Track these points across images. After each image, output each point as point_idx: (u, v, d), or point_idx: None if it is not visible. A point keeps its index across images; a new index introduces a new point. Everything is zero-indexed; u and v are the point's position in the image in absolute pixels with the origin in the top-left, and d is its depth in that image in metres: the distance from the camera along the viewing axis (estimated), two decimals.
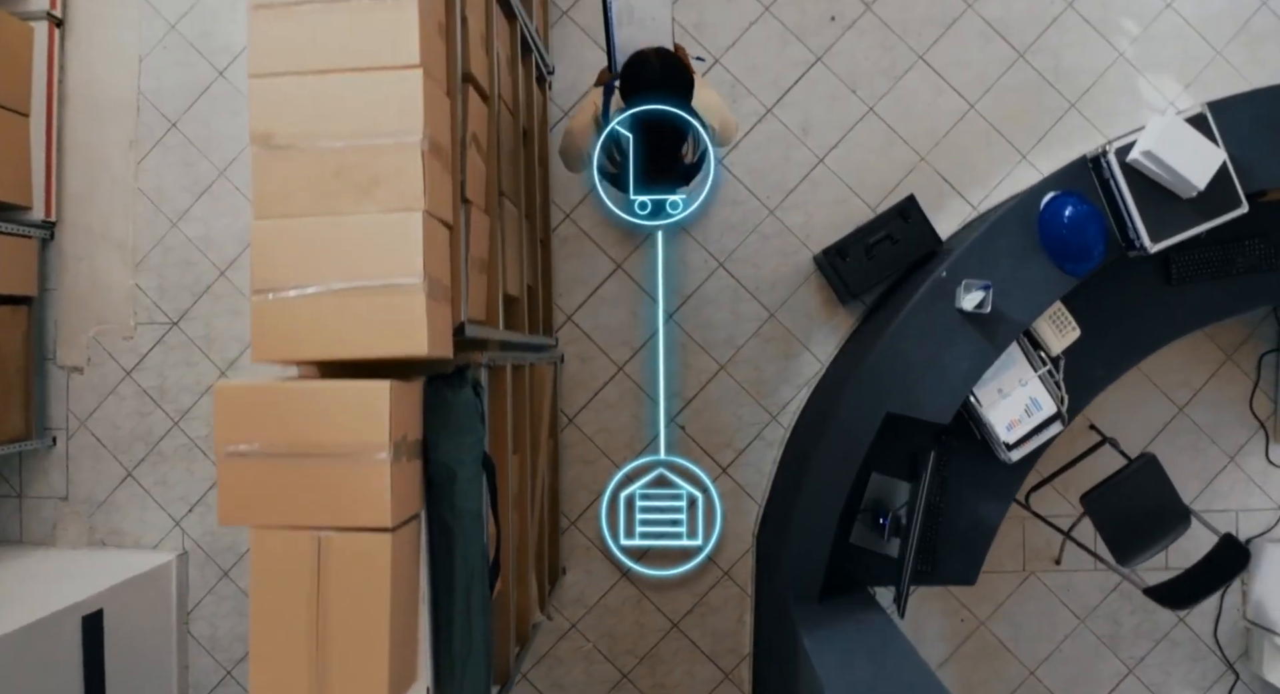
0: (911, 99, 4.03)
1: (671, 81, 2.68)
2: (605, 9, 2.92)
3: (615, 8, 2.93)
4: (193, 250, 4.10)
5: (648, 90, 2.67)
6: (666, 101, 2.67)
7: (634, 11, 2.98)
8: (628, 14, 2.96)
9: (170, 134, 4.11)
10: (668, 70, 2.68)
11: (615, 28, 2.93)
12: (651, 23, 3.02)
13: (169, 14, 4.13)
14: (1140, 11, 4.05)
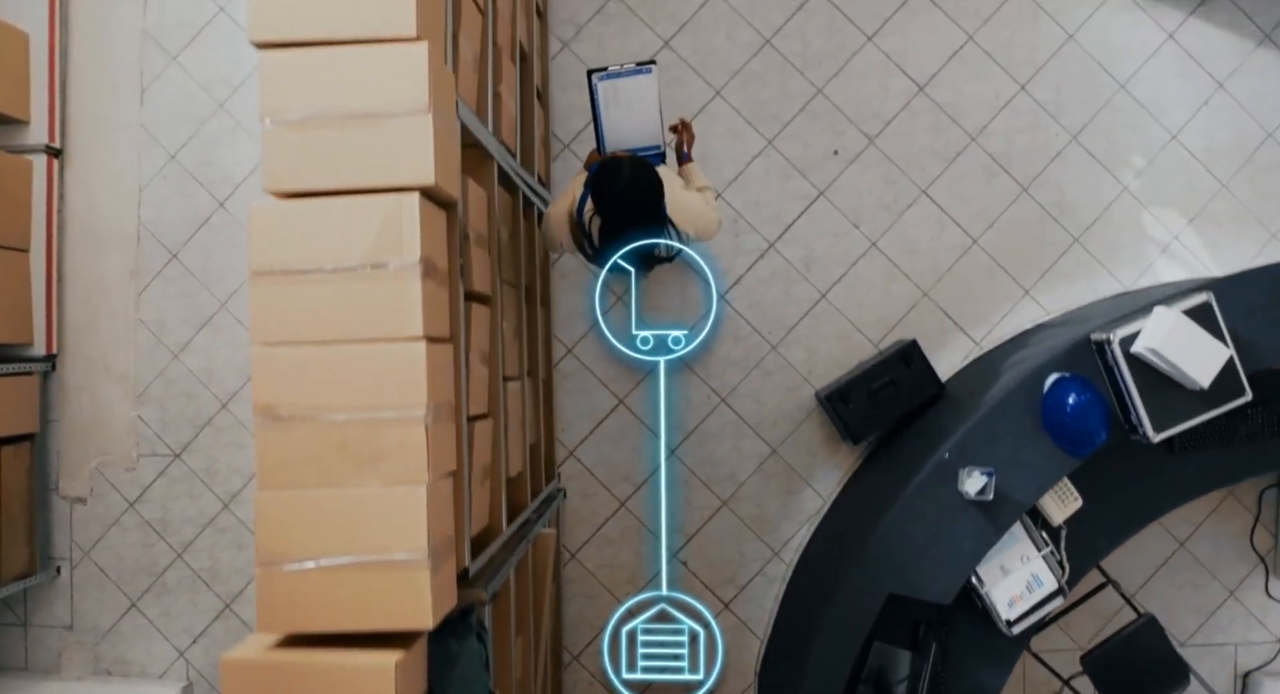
0: (914, 234, 4.02)
1: (640, 195, 2.66)
2: (591, 93, 2.96)
3: (601, 92, 2.96)
4: (194, 382, 4.09)
5: (615, 203, 2.66)
6: (634, 211, 2.66)
7: (620, 94, 3.01)
8: (614, 97, 2.99)
9: (171, 265, 4.10)
10: (637, 184, 2.65)
11: (602, 110, 2.97)
12: (639, 104, 3.03)
13: (169, 144, 4.11)
14: (1145, 145, 4.03)
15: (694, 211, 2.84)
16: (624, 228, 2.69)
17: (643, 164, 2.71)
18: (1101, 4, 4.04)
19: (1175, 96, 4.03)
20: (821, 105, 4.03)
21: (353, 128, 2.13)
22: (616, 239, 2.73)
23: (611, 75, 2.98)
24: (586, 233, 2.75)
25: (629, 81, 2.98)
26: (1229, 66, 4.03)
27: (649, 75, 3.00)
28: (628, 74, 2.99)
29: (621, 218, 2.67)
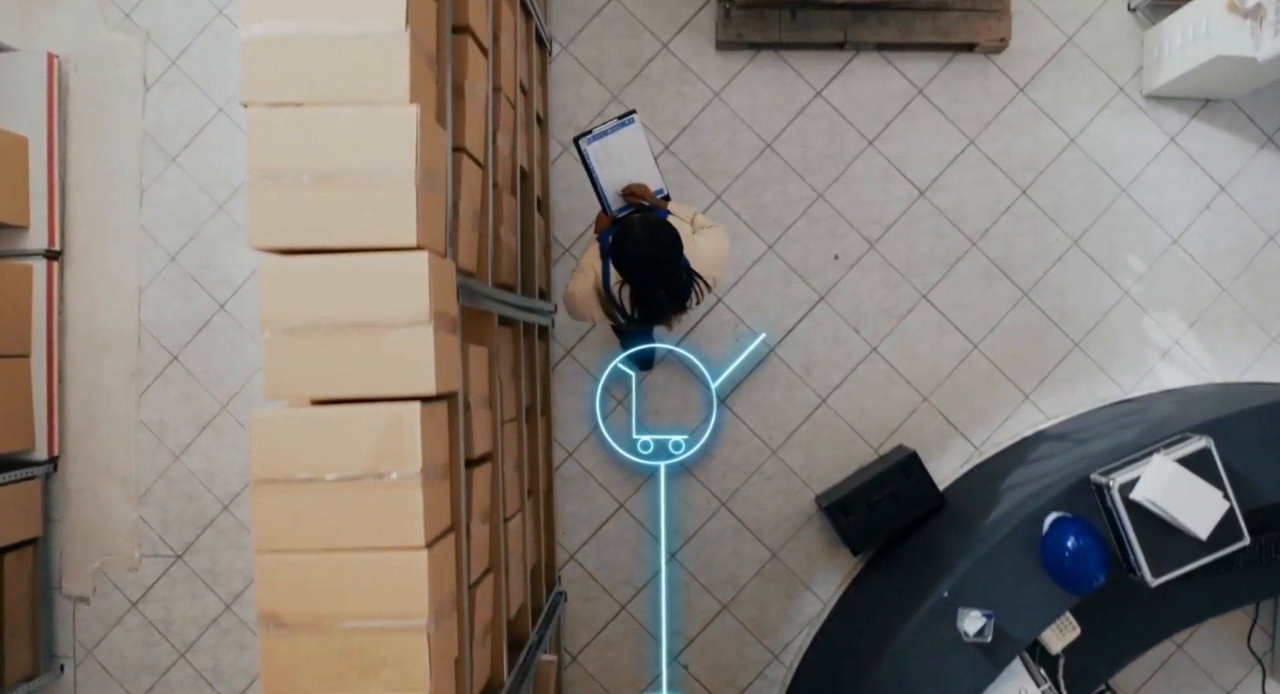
0: (915, 338, 4.02)
1: (659, 250, 2.67)
2: (583, 158, 2.98)
3: (592, 154, 2.98)
4: (195, 484, 4.10)
5: (637, 263, 2.68)
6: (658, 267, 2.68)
7: (611, 151, 3.02)
8: (605, 155, 3.01)
9: (172, 367, 4.11)
10: (654, 239, 2.67)
11: (597, 171, 2.99)
12: (631, 157, 3.05)
13: (169, 245, 4.11)
14: (1146, 249, 4.02)
15: (710, 256, 2.86)
16: (653, 285, 2.71)
17: (653, 221, 2.72)
18: (1103, 107, 4.04)
19: (1177, 200, 4.03)
20: (822, 209, 4.02)
21: (353, 337, 2.13)
22: (650, 299, 2.75)
23: (598, 135, 3.00)
24: (618, 304, 2.77)
25: (616, 137, 3.01)
26: (1231, 169, 4.03)
27: (633, 125, 3.03)
28: (613, 130, 3.01)
29: (648, 276, 2.69)
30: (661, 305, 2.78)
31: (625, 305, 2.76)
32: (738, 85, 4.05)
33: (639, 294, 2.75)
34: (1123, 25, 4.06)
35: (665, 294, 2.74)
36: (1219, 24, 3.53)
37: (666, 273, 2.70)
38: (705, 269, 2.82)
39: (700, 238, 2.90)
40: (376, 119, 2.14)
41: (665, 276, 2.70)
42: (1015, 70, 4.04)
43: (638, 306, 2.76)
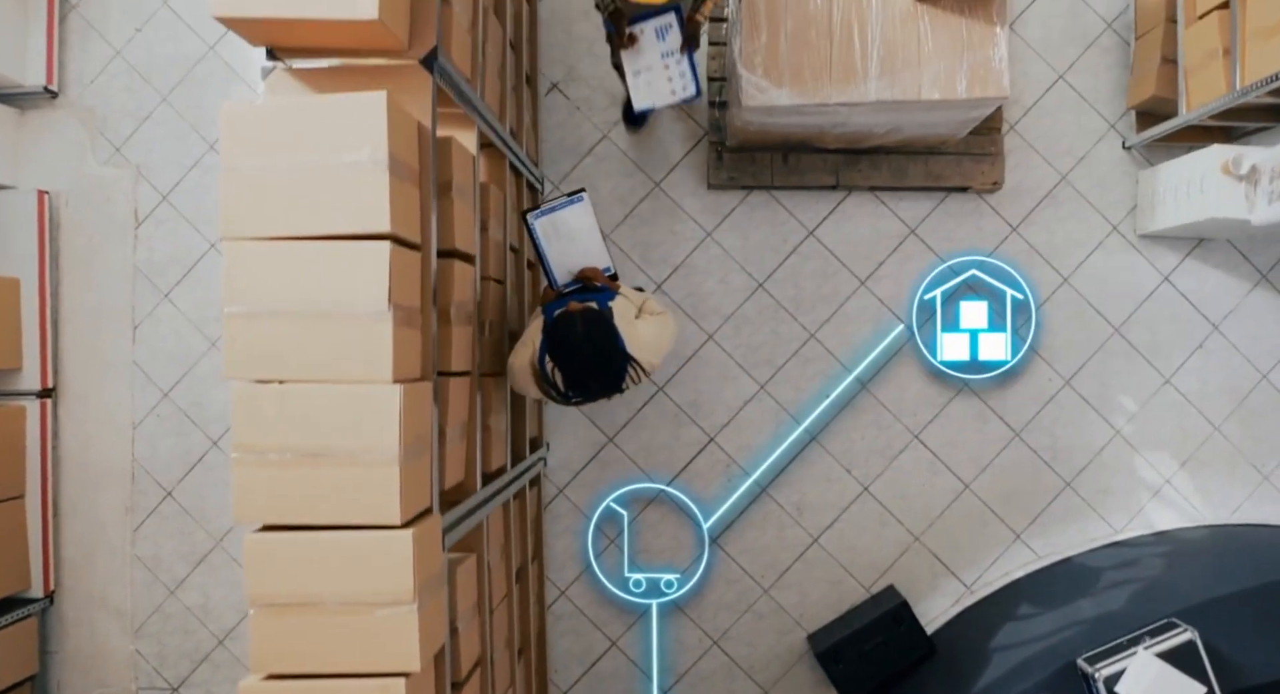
0: (907, 479, 4.03)
1: (595, 352, 2.69)
2: (530, 232, 3.03)
3: (539, 229, 3.03)
4: (191, 618, 4.13)
5: (573, 361, 2.69)
6: (593, 366, 2.70)
7: (559, 227, 3.08)
8: (554, 231, 3.07)
9: (166, 503, 4.12)
10: (591, 340, 2.69)
11: (545, 246, 3.04)
12: (579, 234, 3.10)
13: (162, 382, 4.11)
14: (1139, 388, 4.02)
15: (651, 341, 2.87)
16: (587, 379, 2.74)
17: (593, 318, 2.72)
18: (1097, 246, 4.02)
19: (1170, 339, 4.02)
20: (814, 350, 4.02)
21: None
22: (582, 387, 2.77)
23: (546, 211, 3.04)
24: (551, 382, 2.78)
25: (565, 213, 3.05)
26: (1225, 308, 4.02)
27: (582, 202, 3.07)
28: (562, 206, 3.05)
29: (582, 371, 2.72)
30: (596, 392, 2.80)
31: (559, 383, 2.77)
32: (730, 225, 4.04)
33: (569, 380, 2.76)
34: (1117, 163, 4.04)
35: (598, 385, 2.76)
36: (1213, 184, 3.52)
37: (600, 368, 2.72)
38: (642, 354, 2.81)
39: (642, 324, 2.90)
40: (362, 398, 2.15)
41: (599, 372, 2.73)
42: (1009, 209, 4.02)
43: (570, 389, 2.77)
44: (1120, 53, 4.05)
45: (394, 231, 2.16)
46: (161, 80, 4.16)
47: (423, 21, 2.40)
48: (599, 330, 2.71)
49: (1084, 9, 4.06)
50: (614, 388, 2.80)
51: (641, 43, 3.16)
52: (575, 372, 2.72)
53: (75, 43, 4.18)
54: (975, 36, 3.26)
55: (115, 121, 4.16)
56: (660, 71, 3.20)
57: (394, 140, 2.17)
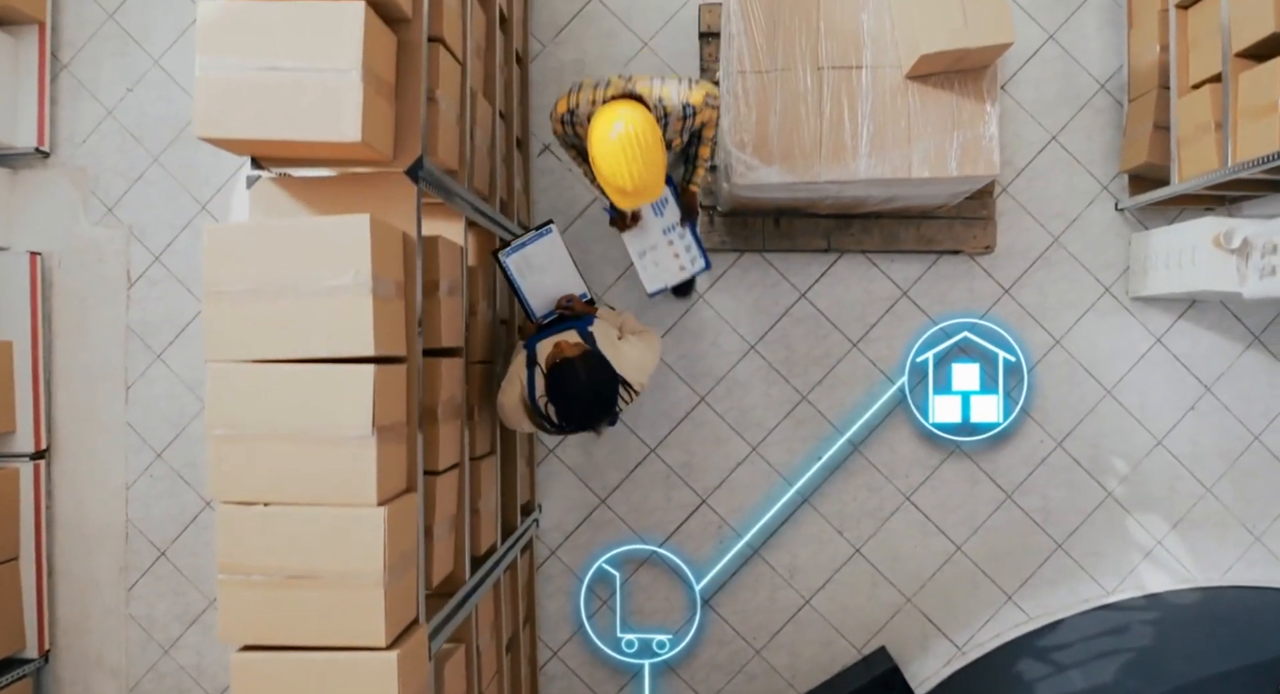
0: (898, 540, 4.03)
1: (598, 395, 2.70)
2: (504, 270, 3.05)
3: (513, 266, 3.05)
4: (185, 678, 4.14)
5: (578, 406, 2.70)
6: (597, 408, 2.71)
7: (531, 260, 3.09)
8: (526, 265, 3.08)
9: (160, 563, 4.13)
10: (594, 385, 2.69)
11: (519, 281, 3.06)
12: (553, 265, 3.11)
13: (155, 442, 4.12)
14: (1130, 450, 4.02)
15: (634, 362, 2.88)
16: (590, 421, 2.75)
17: (593, 361, 2.71)
18: (1089, 308, 4.02)
19: (1162, 400, 4.02)
20: (806, 411, 4.02)
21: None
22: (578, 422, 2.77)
23: (516, 247, 3.05)
24: (544, 415, 2.79)
25: (535, 247, 3.06)
26: (1217, 370, 4.02)
27: (551, 235, 3.08)
28: (531, 241, 3.06)
29: (583, 412, 2.72)
30: (590, 424, 2.79)
31: (551, 416, 2.77)
32: (722, 286, 4.04)
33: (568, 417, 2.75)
34: (1110, 225, 4.04)
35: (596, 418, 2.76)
36: (1205, 256, 3.51)
37: (603, 410, 2.73)
38: (630, 375, 2.82)
39: (626, 345, 2.91)
40: (347, 522, 2.16)
41: (601, 413, 2.73)
42: (1001, 271, 4.02)
43: (565, 420, 2.77)
44: (1113, 113, 4.04)
45: (378, 353, 2.17)
46: (153, 140, 4.15)
47: (408, 130, 2.40)
48: (599, 374, 2.70)
49: (1077, 70, 4.05)
50: (609, 410, 2.78)
51: (642, 220, 3.17)
52: (578, 414, 2.72)
53: (67, 102, 4.17)
54: (965, 114, 3.26)
55: (107, 181, 4.16)
56: (665, 249, 3.22)
57: (378, 261, 2.17)
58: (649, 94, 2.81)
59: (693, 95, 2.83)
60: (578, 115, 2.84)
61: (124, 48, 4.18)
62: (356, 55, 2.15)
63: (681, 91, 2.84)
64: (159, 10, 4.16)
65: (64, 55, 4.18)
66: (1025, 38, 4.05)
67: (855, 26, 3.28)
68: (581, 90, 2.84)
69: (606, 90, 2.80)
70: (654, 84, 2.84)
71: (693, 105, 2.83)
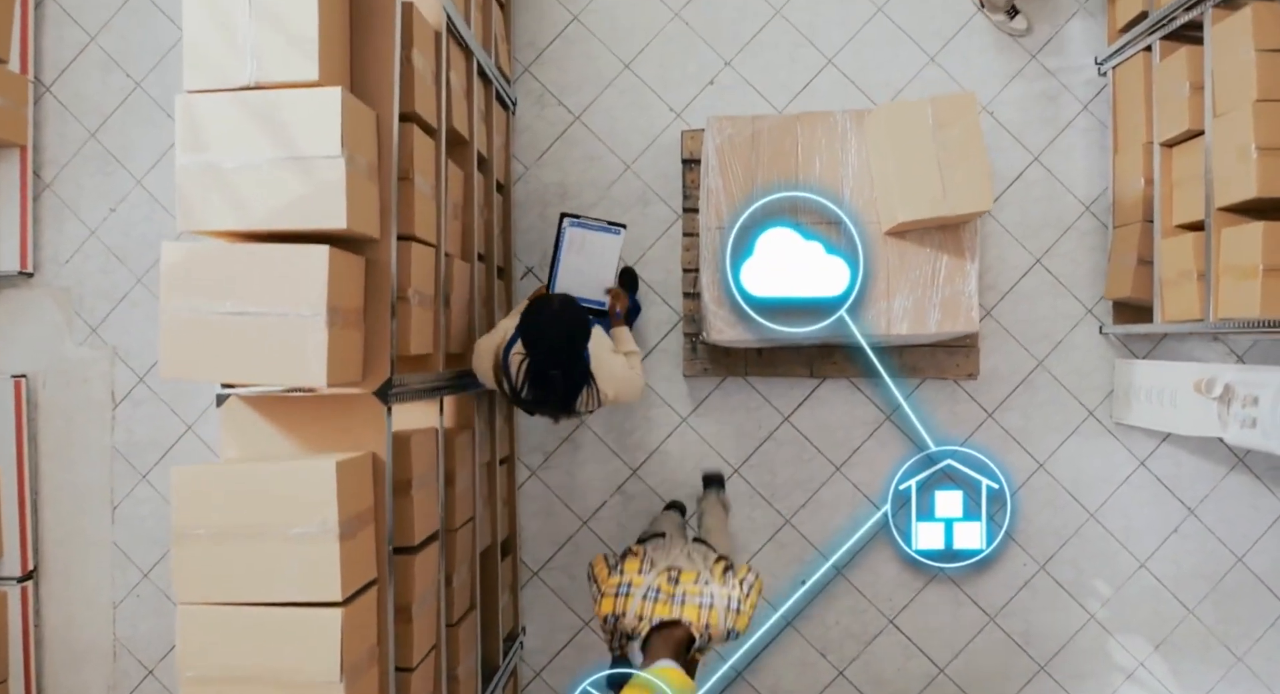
0: (881, 663, 4.05)
1: (564, 328, 2.68)
2: (559, 232, 3.07)
3: (569, 236, 3.07)
4: None
5: (541, 331, 2.68)
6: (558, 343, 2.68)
7: (585, 245, 3.11)
8: (579, 244, 3.10)
9: (148, 681, 4.16)
10: (562, 317, 2.69)
11: (564, 252, 3.08)
12: (599, 256, 3.13)
13: (141, 562, 4.15)
14: (1113, 572, 4.03)
15: (617, 375, 2.88)
16: (548, 362, 2.70)
17: (572, 303, 2.75)
18: (1073, 432, 4.02)
19: (1145, 524, 4.02)
20: (789, 535, 4.03)
21: None
22: (542, 377, 2.73)
23: (583, 224, 3.08)
24: (507, 372, 2.79)
25: (596, 236, 3.09)
26: (1200, 492, 4.01)
27: (617, 236, 3.11)
28: (598, 228, 3.08)
29: (548, 352, 2.68)
30: (551, 388, 2.74)
31: (515, 376, 2.76)
32: (705, 410, 4.04)
33: (533, 369, 2.72)
34: (1094, 348, 4.03)
35: (559, 377, 2.72)
36: (1186, 400, 3.50)
37: (566, 353, 2.69)
38: (604, 383, 2.81)
39: (617, 361, 2.92)
40: None
41: (564, 357, 2.69)
42: (984, 395, 4.01)
43: (529, 382, 2.74)
44: (1098, 236, 4.02)
45: (345, 595, 2.18)
46: (136, 261, 4.15)
47: (376, 352, 2.41)
48: (573, 313, 2.71)
49: (1062, 192, 4.03)
50: (568, 398, 2.76)
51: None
52: (543, 352, 2.69)
53: (49, 222, 4.17)
54: (945, 270, 3.25)
55: (91, 302, 4.16)
56: None
57: (344, 502, 2.18)
58: (696, 620, 2.53)
59: (743, 612, 2.58)
60: (623, 624, 2.63)
61: (106, 167, 4.17)
62: (321, 299, 2.15)
63: (730, 612, 2.56)
64: (141, 130, 4.15)
65: (46, 174, 4.17)
66: (1010, 160, 4.03)
67: (835, 182, 3.26)
68: (628, 597, 2.60)
69: (654, 606, 2.56)
70: (702, 601, 2.55)
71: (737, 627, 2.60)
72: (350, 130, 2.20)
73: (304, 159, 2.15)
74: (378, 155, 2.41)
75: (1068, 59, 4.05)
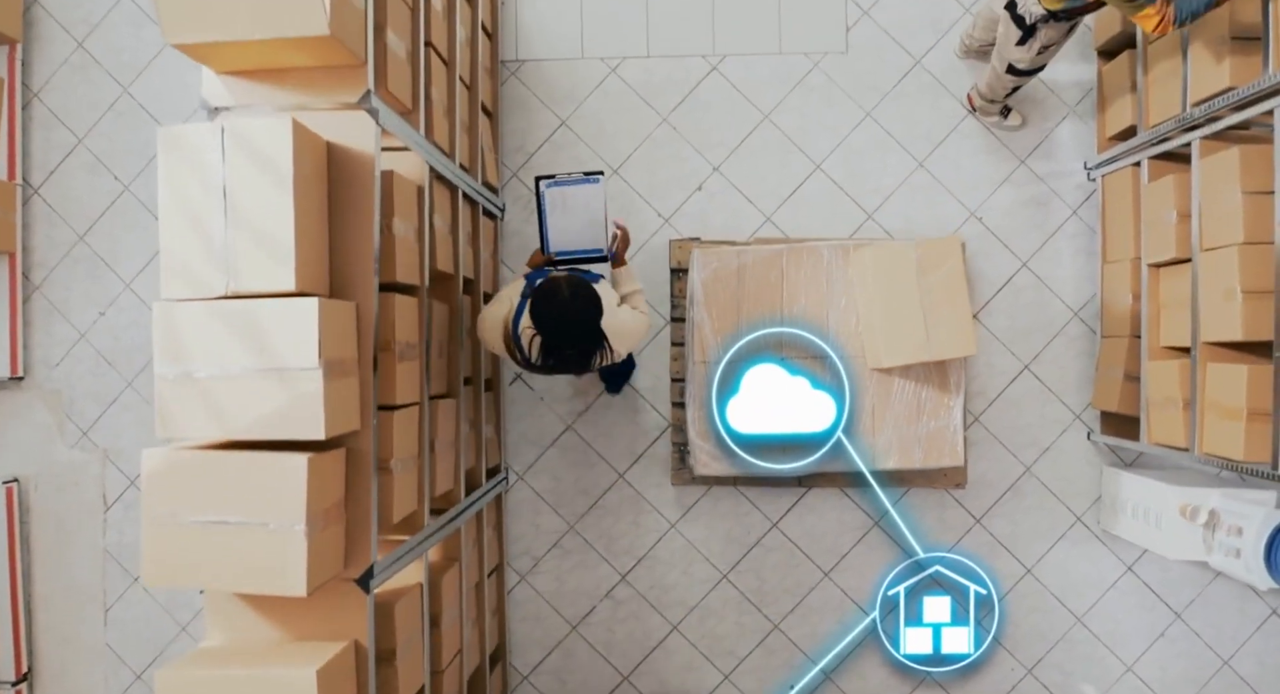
0: None
1: (577, 316, 2.69)
2: (538, 198, 3.01)
3: (549, 198, 3.01)
4: None
5: (554, 322, 2.68)
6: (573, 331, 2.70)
7: (567, 201, 3.05)
8: (561, 203, 3.04)
9: None
10: (574, 305, 2.68)
11: (548, 215, 3.02)
12: (585, 208, 3.07)
13: (134, 664, 4.17)
14: (1100, 678, 4.06)
15: (627, 330, 2.90)
16: (562, 345, 2.73)
17: (581, 284, 2.73)
18: (1060, 538, 4.03)
19: (1132, 629, 4.04)
20: (778, 640, 4.05)
21: None
22: (554, 353, 2.75)
23: (559, 183, 3.02)
24: (519, 345, 2.80)
25: (576, 189, 3.03)
26: (1187, 597, 4.03)
27: (596, 185, 3.04)
28: (575, 183, 3.03)
29: (560, 337, 2.71)
30: (565, 361, 2.78)
31: (528, 350, 2.77)
32: (693, 516, 4.05)
33: (545, 346, 2.74)
34: (1081, 453, 4.03)
35: (573, 352, 2.75)
36: (1170, 523, 3.52)
37: (580, 337, 2.72)
38: (613, 338, 2.80)
39: (623, 312, 2.93)
40: None
41: (578, 339, 2.72)
42: (973, 501, 4.02)
43: (542, 355, 2.77)
44: (1087, 341, 4.02)
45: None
46: (126, 365, 4.16)
47: (358, 539, 2.41)
48: (584, 298, 2.69)
49: (1050, 298, 4.02)
50: (583, 363, 2.78)
51: None
52: (556, 338, 2.70)
53: (39, 325, 4.18)
54: (931, 405, 3.25)
55: (82, 405, 4.18)
56: None
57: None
58: None
59: None
60: None
61: (95, 270, 4.18)
62: (300, 510, 2.16)
63: None
64: (129, 233, 4.16)
65: (35, 276, 4.18)
66: (999, 265, 4.02)
67: (821, 315, 3.27)
68: None
69: None
70: None
71: None
72: (329, 335, 2.21)
73: (282, 370, 2.16)
74: (357, 346, 2.41)
75: (1057, 163, 4.04)
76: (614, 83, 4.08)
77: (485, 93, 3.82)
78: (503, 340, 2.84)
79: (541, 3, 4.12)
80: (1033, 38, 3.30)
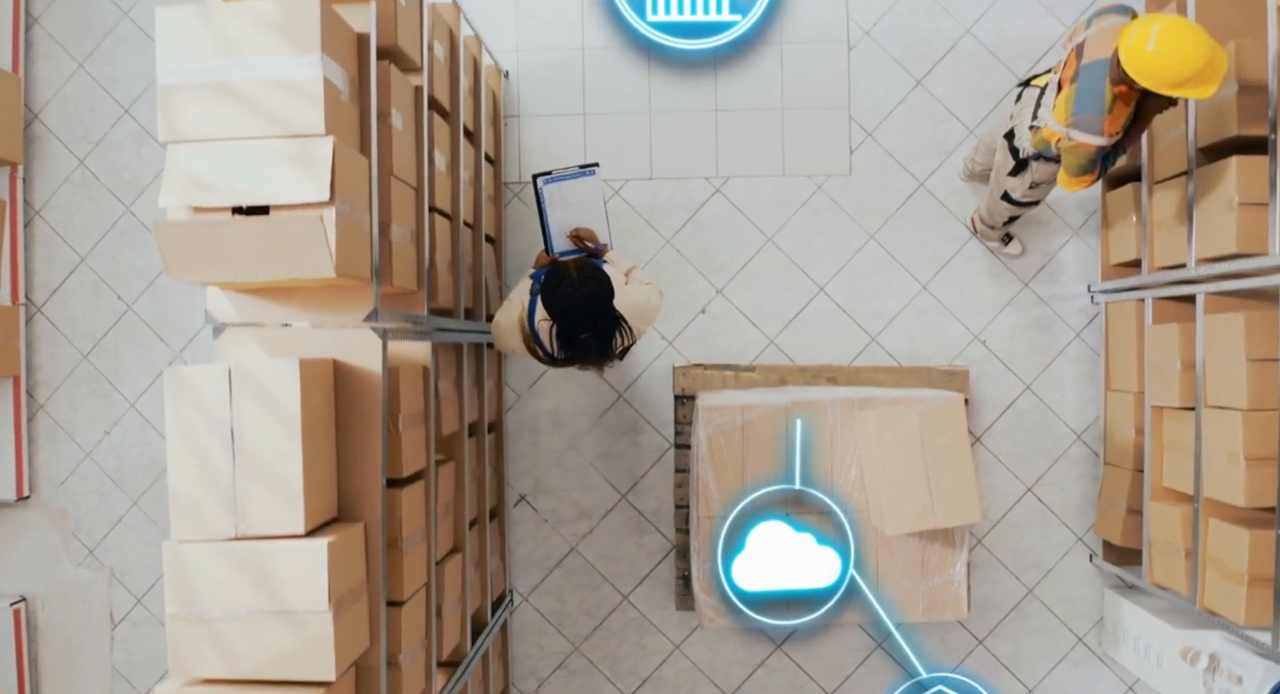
0: None
1: (589, 296, 2.66)
2: (537, 195, 3.02)
3: (547, 194, 3.02)
4: None
5: (567, 306, 2.67)
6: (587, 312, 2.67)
7: (565, 195, 3.07)
8: (560, 198, 3.05)
9: None
10: (585, 285, 2.66)
11: (548, 211, 3.03)
12: (584, 202, 3.08)
13: None
14: None
15: (639, 306, 2.87)
16: (579, 329, 2.69)
17: (588, 267, 2.72)
18: (1062, 659, 4.06)
19: None
20: None
21: None
22: (573, 342, 2.72)
23: (556, 178, 3.03)
24: (540, 342, 2.79)
25: (573, 183, 3.04)
26: None
27: (592, 177, 3.06)
28: (571, 177, 3.04)
29: (576, 322, 2.68)
30: (586, 348, 2.74)
31: (548, 344, 2.75)
32: (698, 638, 4.07)
33: (562, 333, 2.72)
34: (1084, 575, 4.05)
35: (591, 337, 2.71)
36: (1171, 664, 3.53)
37: (595, 320, 2.69)
38: (630, 318, 2.78)
39: (632, 288, 2.92)
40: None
41: (593, 323, 2.69)
42: (975, 622, 4.04)
43: (561, 347, 2.74)
44: (1089, 464, 4.03)
45: None
46: (131, 484, 4.17)
47: None
48: (595, 280, 2.68)
49: (1054, 420, 4.03)
50: (603, 348, 2.75)
51: None
52: (571, 323, 2.68)
53: (44, 444, 4.19)
54: (935, 560, 3.27)
55: (88, 524, 4.19)
56: None
57: None
58: None
59: None
60: None
61: (100, 389, 4.18)
62: None
63: None
64: (132, 352, 4.16)
65: (40, 395, 4.19)
66: (1002, 389, 4.03)
67: (826, 470, 3.28)
68: None
69: None
70: None
71: None
72: (338, 574, 2.22)
73: (292, 613, 2.17)
74: (365, 557, 2.43)
75: (1060, 286, 4.04)
76: (617, 204, 4.07)
77: (489, 221, 3.81)
78: (522, 341, 2.82)
79: (543, 125, 4.11)
80: (1025, 171, 3.30)
